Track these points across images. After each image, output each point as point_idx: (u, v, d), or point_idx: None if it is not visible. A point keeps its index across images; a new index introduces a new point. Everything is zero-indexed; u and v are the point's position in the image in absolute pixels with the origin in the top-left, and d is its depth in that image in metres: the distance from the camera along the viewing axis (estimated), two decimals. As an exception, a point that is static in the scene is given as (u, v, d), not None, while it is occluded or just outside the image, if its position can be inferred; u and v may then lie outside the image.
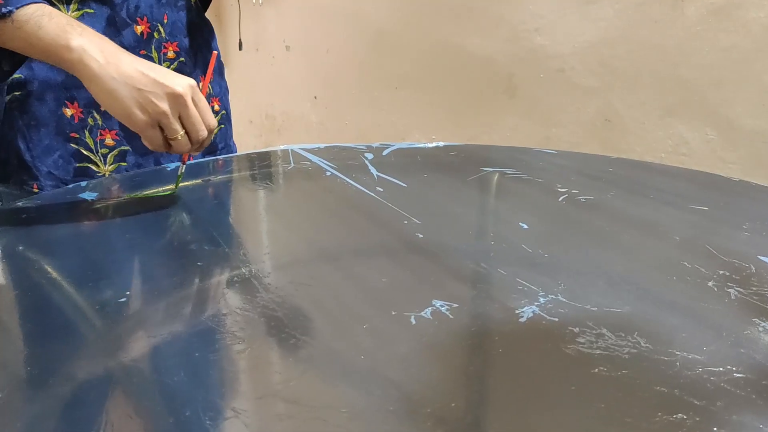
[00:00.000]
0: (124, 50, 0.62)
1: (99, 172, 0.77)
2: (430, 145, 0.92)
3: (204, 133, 0.63)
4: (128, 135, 0.78)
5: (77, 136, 0.75)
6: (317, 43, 2.11)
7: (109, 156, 0.77)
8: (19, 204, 0.65)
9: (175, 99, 0.60)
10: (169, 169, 0.78)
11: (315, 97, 2.18)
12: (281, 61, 2.27)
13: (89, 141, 0.76)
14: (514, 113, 1.59)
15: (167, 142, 0.62)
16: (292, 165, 0.81)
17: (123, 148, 0.78)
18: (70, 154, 0.75)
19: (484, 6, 1.60)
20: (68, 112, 0.74)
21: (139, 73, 0.60)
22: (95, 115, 0.76)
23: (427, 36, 1.77)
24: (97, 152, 0.77)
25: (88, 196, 0.67)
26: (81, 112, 0.75)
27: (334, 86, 2.08)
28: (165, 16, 0.80)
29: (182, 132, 0.61)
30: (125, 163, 0.79)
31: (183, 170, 0.68)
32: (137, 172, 0.78)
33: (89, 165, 0.76)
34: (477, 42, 1.64)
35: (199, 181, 0.74)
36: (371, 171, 0.78)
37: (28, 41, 0.60)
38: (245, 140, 2.61)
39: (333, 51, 2.06)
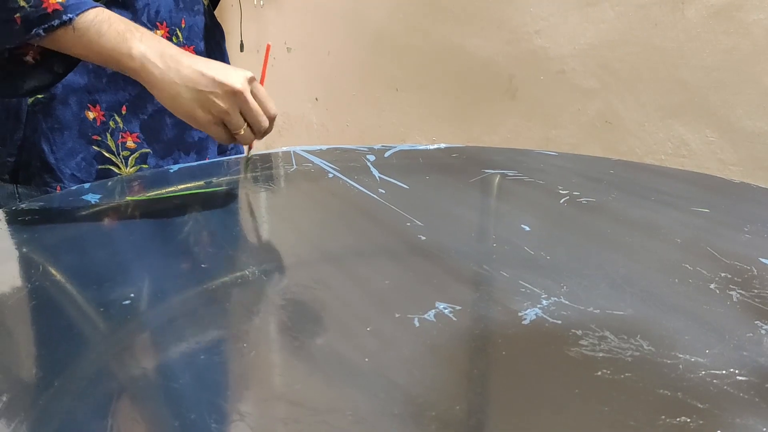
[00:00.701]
0: (182, 50, 0.64)
1: (120, 174, 0.78)
2: (432, 147, 0.92)
3: (265, 123, 0.66)
4: (149, 138, 0.79)
5: (99, 138, 0.76)
6: (318, 44, 2.11)
7: (130, 158, 0.78)
8: (23, 206, 0.65)
9: (235, 96, 0.62)
10: (171, 171, 0.78)
11: (316, 99, 2.18)
12: (282, 63, 2.28)
13: (111, 143, 0.77)
14: (515, 114, 1.60)
15: (232, 135, 0.65)
16: (295, 167, 0.81)
17: (144, 150, 0.79)
18: (93, 156, 0.76)
19: (485, 8, 1.61)
20: (90, 115, 0.75)
21: (199, 74, 0.62)
22: (117, 118, 0.77)
23: (428, 37, 1.77)
24: (119, 154, 0.78)
25: (92, 198, 0.67)
26: (103, 115, 0.76)
27: (335, 88, 2.08)
28: (183, 21, 0.81)
29: (245, 125, 0.64)
30: (146, 165, 0.80)
31: (250, 155, 0.71)
32: (140, 174, 0.78)
33: (111, 167, 0.77)
34: (477, 43, 1.64)
35: (201, 183, 0.74)
36: (373, 173, 0.78)
37: (89, 48, 0.62)
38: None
39: (334, 52, 2.07)
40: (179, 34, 0.80)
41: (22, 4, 0.60)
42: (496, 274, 0.50)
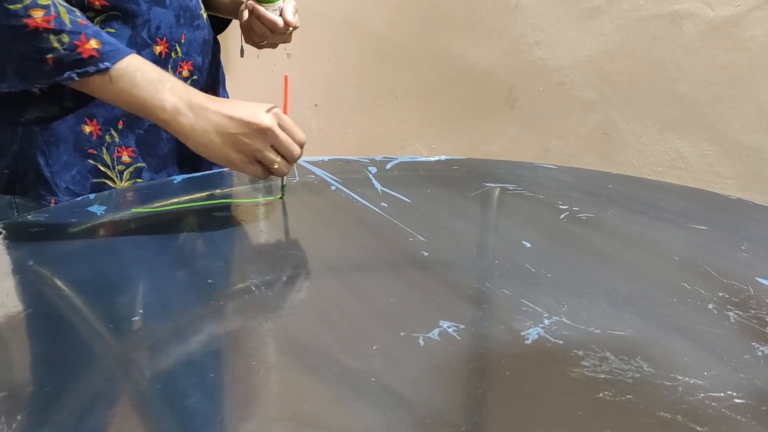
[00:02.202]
0: (207, 96, 0.66)
1: (115, 188, 0.79)
2: (432, 159, 0.93)
3: (297, 151, 0.67)
4: (143, 152, 0.80)
5: (95, 152, 0.77)
6: (318, 51, 2.12)
7: (125, 172, 0.79)
8: (29, 217, 0.65)
9: (264, 133, 0.64)
10: (175, 182, 0.79)
11: (315, 105, 2.19)
12: (282, 69, 2.28)
13: (106, 157, 0.77)
14: (514, 125, 1.61)
15: (268, 170, 0.67)
16: (297, 178, 0.82)
17: (139, 164, 0.80)
18: (88, 170, 0.77)
19: (485, 18, 1.62)
20: (87, 129, 0.76)
21: (227, 118, 0.64)
22: (113, 132, 0.77)
23: (429, 46, 1.79)
24: (114, 168, 0.78)
25: (97, 209, 0.68)
26: (99, 129, 0.76)
27: (334, 94, 2.09)
28: (183, 36, 0.81)
29: (279, 159, 0.66)
30: (141, 180, 0.80)
31: (284, 182, 0.74)
32: (146, 185, 0.79)
33: (106, 181, 0.78)
34: (478, 53, 1.66)
35: (205, 194, 0.75)
36: (375, 185, 0.79)
37: (121, 97, 0.63)
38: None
39: (334, 59, 2.08)
40: (178, 50, 0.81)
41: (56, 45, 0.60)
42: (498, 292, 0.51)
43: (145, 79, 0.63)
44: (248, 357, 0.42)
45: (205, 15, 0.88)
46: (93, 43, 0.61)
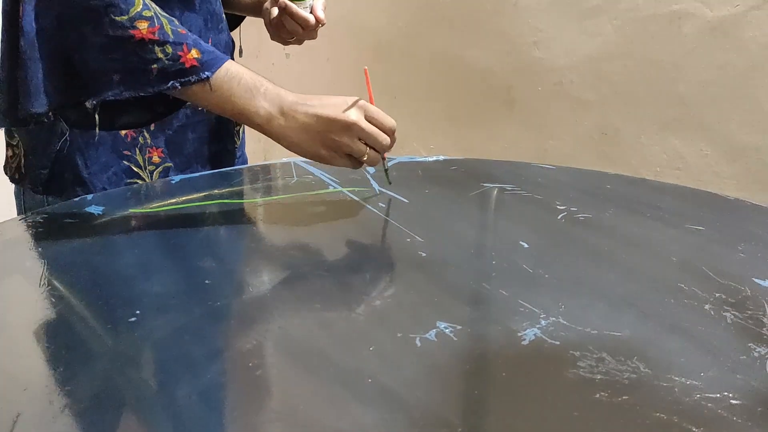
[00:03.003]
0: (297, 97, 0.68)
1: None
2: (431, 159, 0.93)
3: (386, 140, 0.69)
4: (171, 152, 0.81)
5: (129, 153, 0.78)
6: (317, 51, 2.12)
7: (155, 172, 0.80)
8: (27, 217, 0.65)
9: (351, 128, 0.66)
10: (173, 182, 0.79)
11: (314, 105, 2.19)
12: (281, 68, 2.28)
13: (139, 158, 0.79)
14: (513, 125, 1.61)
15: (359, 161, 0.69)
16: (296, 179, 0.82)
17: (167, 164, 0.81)
18: (123, 170, 0.78)
19: (484, 18, 1.62)
20: (123, 131, 0.77)
21: (314, 117, 0.67)
22: (145, 134, 0.79)
23: (427, 47, 1.79)
24: (146, 168, 0.80)
25: (95, 209, 0.68)
26: (133, 131, 0.78)
27: (333, 94, 2.09)
28: (210, 40, 0.82)
29: (368, 149, 0.68)
30: (168, 178, 0.82)
31: (388, 164, 0.75)
32: (144, 185, 0.79)
33: (138, 180, 0.79)
34: (476, 54, 1.66)
35: (203, 194, 0.75)
36: (373, 185, 0.79)
37: (219, 105, 0.68)
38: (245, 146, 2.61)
39: (333, 59, 2.08)
40: None
41: (160, 56, 0.64)
42: (496, 293, 0.51)
43: (242, 86, 0.67)
44: (245, 358, 0.42)
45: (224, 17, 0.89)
46: (194, 53, 0.65)
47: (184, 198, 0.73)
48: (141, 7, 0.63)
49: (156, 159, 0.80)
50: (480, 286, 0.53)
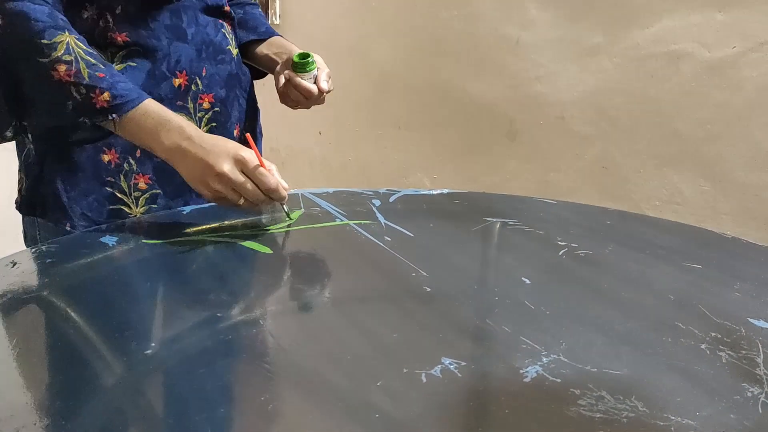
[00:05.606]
0: (196, 138, 0.72)
1: (131, 214, 0.82)
2: (434, 192, 0.95)
3: (258, 196, 0.72)
4: (160, 179, 0.83)
5: (113, 180, 0.81)
6: (323, 80, 2.16)
7: (141, 198, 0.82)
8: (42, 248, 0.67)
9: (221, 178, 0.71)
10: (184, 212, 0.81)
11: (319, 133, 2.22)
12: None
13: (124, 185, 0.81)
14: (515, 157, 1.64)
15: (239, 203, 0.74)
16: (303, 210, 0.84)
17: (155, 191, 0.83)
18: (105, 197, 0.80)
19: (487, 53, 1.66)
20: (106, 158, 0.80)
21: (199, 161, 0.71)
22: (131, 160, 0.81)
23: (431, 79, 1.82)
24: (131, 195, 0.82)
25: (109, 240, 0.70)
26: (118, 158, 0.80)
27: (338, 123, 2.12)
28: (204, 70, 0.85)
29: (241, 200, 0.72)
30: (156, 205, 0.84)
31: (286, 208, 0.79)
32: (156, 215, 0.81)
33: (122, 207, 0.81)
34: (479, 87, 1.69)
35: (213, 225, 0.77)
36: (379, 219, 0.81)
37: (129, 138, 0.75)
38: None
39: (338, 88, 2.11)
40: (199, 83, 0.84)
41: (75, 95, 0.71)
42: (498, 329, 0.53)
43: (148, 125, 0.72)
44: (257, 392, 0.43)
45: (234, 51, 0.91)
46: (105, 96, 0.71)
47: (194, 229, 0.75)
48: (62, 52, 0.70)
49: (142, 186, 0.82)
50: (483, 322, 0.55)
